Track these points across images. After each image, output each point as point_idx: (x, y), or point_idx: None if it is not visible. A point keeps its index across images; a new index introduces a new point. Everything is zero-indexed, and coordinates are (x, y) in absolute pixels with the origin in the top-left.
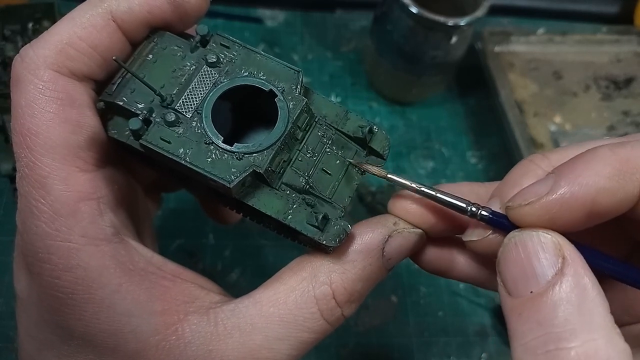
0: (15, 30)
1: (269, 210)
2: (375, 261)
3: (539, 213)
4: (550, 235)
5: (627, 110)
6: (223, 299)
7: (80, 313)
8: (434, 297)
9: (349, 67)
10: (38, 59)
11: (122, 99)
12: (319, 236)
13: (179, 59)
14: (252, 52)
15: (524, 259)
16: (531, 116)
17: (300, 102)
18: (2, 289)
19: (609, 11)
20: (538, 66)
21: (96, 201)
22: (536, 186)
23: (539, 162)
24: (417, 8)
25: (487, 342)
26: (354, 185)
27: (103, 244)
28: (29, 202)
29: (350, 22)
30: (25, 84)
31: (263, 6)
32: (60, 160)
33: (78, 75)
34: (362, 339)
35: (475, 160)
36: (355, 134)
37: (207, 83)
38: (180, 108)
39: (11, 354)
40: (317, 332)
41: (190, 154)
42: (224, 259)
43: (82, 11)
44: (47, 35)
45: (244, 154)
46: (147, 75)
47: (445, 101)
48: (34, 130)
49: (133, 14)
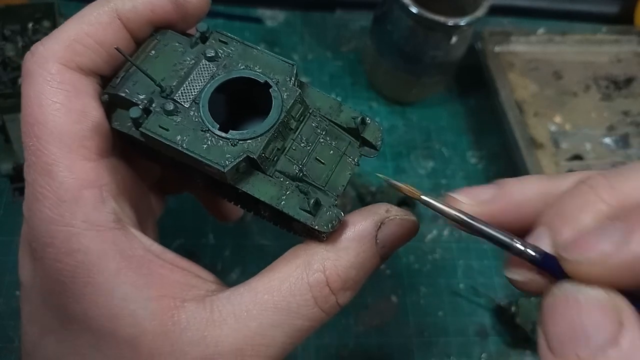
0: (15, 30)
1: (262, 196)
2: (369, 248)
3: (600, 273)
4: (609, 295)
5: (627, 110)
6: (219, 287)
7: (80, 296)
8: (434, 297)
9: (349, 67)
10: (47, 54)
11: (125, 91)
12: (311, 221)
13: (180, 54)
14: (249, 47)
15: (575, 317)
16: (531, 116)
17: (294, 93)
18: (2, 289)
19: (609, 11)
20: (538, 66)
21: (99, 189)
22: (600, 241)
23: (602, 193)
24: (417, 8)
25: (487, 342)
26: (348, 174)
27: (104, 229)
28: (35, 189)
29: (350, 22)
30: (34, 76)
31: (263, 6)
32: (65, 148)
33: (84, 70)
34: (362, 339)
35: (475, 160)
36: (348, 125)
37: (205, 75)
38: (179, 98)
39: (11, 354)
40: (312, 319)
41: (187, 141)
42: (224, 259)
43: (89, 10)
44: (57, 32)
45: (238, 140)
46: (149, 69)
47: (445, 101)
48: (41, 119)
49: (137, 13)
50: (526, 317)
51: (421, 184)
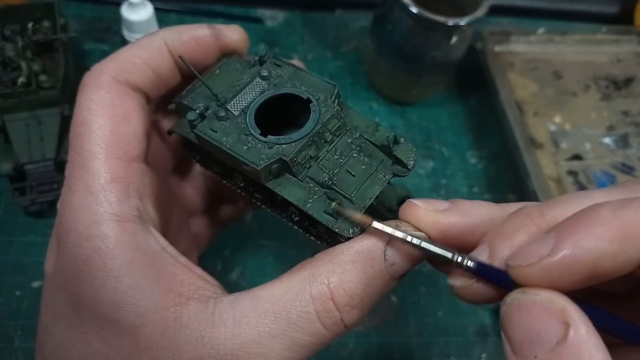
0: (15, 30)
1: (290, 197)
2: (377, 264)
3: (540, 275)
4: (555, 298)
5: (626, 110)
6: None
7: (92, 280)
8: (434, 297)
9: (349, 67)
10: (101, 69)
11: (188, 99)
12: (333, 224)
13: (239, 74)
14: (299, 70)
15: (527, 323)
16: (531, 116)
17: (332, 108)
18: (2, 289)
19: (609, 11)
20: (538, 66)
21: (126, 185)
22: (537, 246)
23: (535, 218)
24: (417, 8)
25: (487, 342)
26: (377, 189)
27: (125, 221)
28: (70, 181)
29: (350, 22)
30: (87, 86)
31: (263, 6)
32: (102, 145)
33: (131, 85)
34: (362, 339)
35: (475, 160)
36: (382, 143)
37: (257, 90)
38: (231, 107)
39: (11, 354)
40: (312, 334)
41: (231, 142)
42: (224, 258)
43: (144, 37)
44: (113, 54)
45: (274, 144)
46: (210, 84)
47: (445, 101)
48: (86, 120)
49: (182, 42)
50: None
51: (421, 184)
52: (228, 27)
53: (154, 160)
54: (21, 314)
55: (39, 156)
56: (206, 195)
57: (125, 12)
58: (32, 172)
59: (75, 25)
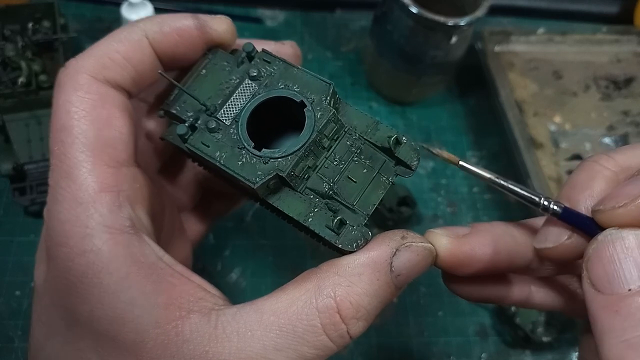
0: (15, 30)
1: (291, 212)
2: (383, 276)
3: (634, 214)
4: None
5: (626, 110)
6: (227, 304)
7: (87, 297)
8: (434, 297)
9: (349, 67)
10: (78, 66)
11: (176, 108)
12: (335, 239)
13: (227, 74)
14: (290, 66)
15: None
16: (531, 116)
17: (328, 113)
18: (2, 289)
19: (609, 11)
20: (538, 66)
21: (116, 193)
22: (627, 188)
23: (605, 163)
24: (417, 8)
25: (487, 342)
26: (380, 193)
27: (118, 233)
28: (55, 191)
29: (350, 22)
30: (64, 86)
31: (263, 6)
32: (87, 153)
33: (111, 83)
34: (362, 339)
35: (475, 160)
36: (383, 144)
37: (247, 94)
38: (221, 116)
39: (11, 354)
40: (318, 348)
41: (225, 157)
42: (224, 259)
43: (121, 30)
44: (89, 49)
45: (270, 158)
46: (198, 88)
47: (445, 101)
48: (67, 125)
49: (164, 35)
50: (526, 317)
51: (421, 184)
52: (214, 18)
53: (141, 160)
54: (21, 314)
55: (39, 156)
56: (197, 189)
57: (125, 12)
58: (32, 172)
59: (75, 25)
